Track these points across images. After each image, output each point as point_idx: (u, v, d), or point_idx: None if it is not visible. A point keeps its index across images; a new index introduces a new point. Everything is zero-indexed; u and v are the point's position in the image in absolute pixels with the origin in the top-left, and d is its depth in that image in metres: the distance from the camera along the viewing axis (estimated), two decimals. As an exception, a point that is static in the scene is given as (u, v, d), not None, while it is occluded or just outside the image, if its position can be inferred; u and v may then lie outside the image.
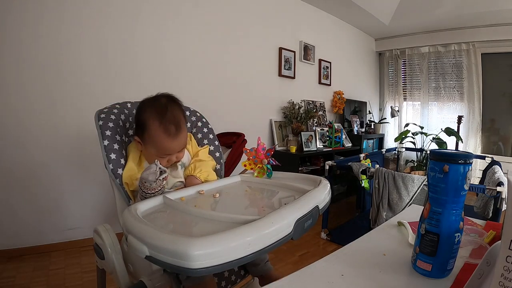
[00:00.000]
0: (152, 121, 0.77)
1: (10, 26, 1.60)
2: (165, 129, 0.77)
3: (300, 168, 2.81)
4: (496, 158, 2.62)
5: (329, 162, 2.19)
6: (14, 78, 1.64)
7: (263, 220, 0.51)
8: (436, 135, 3.13)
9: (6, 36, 1.59)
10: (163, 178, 0.69)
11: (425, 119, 4.23)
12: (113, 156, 0.79)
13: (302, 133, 2.93)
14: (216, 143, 1.07)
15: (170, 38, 2.19)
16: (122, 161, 0.81)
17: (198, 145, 1.00)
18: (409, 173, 2.18)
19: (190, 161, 0.92)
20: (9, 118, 1.65)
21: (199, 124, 1.06)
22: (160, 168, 0.68)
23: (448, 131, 3.04)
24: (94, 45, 1.86)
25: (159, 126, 0.77)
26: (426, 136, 3.21)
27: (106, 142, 0.79)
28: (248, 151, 0.91)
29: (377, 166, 2.09)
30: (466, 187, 0.46)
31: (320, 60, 3.50)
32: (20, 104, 1.67)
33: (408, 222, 0.69)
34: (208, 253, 0.43)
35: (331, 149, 3.12)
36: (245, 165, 0.92)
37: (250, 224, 0.49)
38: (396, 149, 3.28)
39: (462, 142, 3.24)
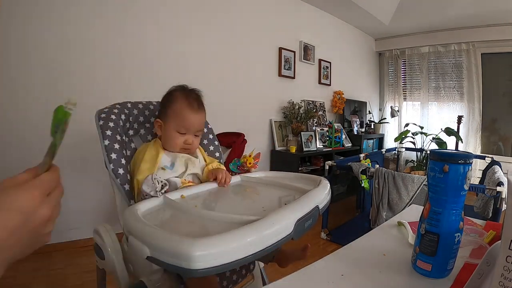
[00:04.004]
0: (178, 96, 0.88)
1: (15, 26, 1.60)
2: (189, 103, 0.87)
3: (300, 168, 2.81)
4: (496, 158, 2.62)
5: (329, 162, 2.19)
6: (15, 78, 1.64)
7: (264, 221, 0.51)
8: (436, 135, 3.13)
9: (11, 36, 1.60)
10: (165, 191, 0.70)
11: (425, 119, 4.23)
12: (113, 156, 0.79)
13: (302, 133, 2.93)
14: (216, 143, 1.07)
15: (170, 39, 2.19)
16: (123, 160, 0.81)
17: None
18: (409, 173, 2.18)
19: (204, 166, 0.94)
20: (11, 117, 1.65)
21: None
22: (162, 181, 0.70)
23: (448, 131, 3.04)
24: (96, 45, 1.86)
25: (184, 100, 0.87)
26: (426, 136, 3.21)
27: (106, 142, 0.80)
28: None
29: (377, 166, 2.09)
30: (466, 187, 0.46)
31: (320, 60, 3.50)
32: (23, 103, 1.67)
33: (408, 222, 0.70)
34: (209, 254, 0.43)
35: (331, 149, 3.12)
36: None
37: (251, 225, 0.49)
38: (396, 149, 3.28)
39: (462, 142, 3.24)
